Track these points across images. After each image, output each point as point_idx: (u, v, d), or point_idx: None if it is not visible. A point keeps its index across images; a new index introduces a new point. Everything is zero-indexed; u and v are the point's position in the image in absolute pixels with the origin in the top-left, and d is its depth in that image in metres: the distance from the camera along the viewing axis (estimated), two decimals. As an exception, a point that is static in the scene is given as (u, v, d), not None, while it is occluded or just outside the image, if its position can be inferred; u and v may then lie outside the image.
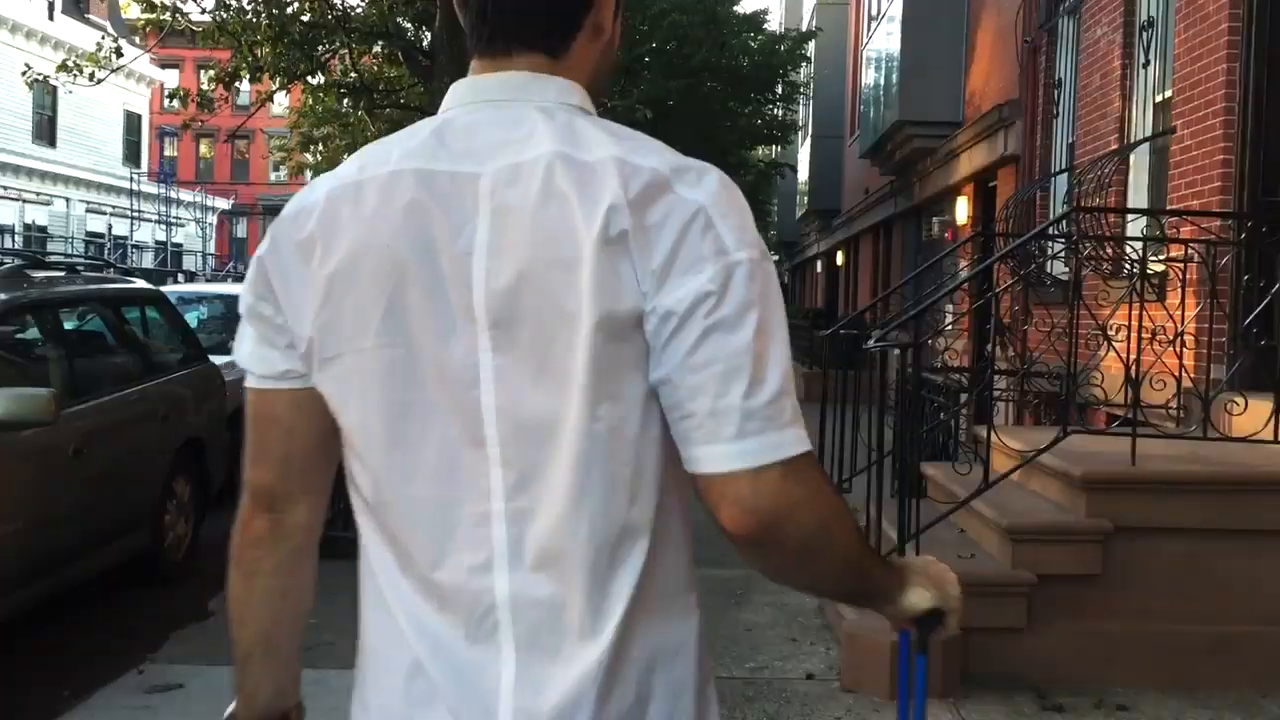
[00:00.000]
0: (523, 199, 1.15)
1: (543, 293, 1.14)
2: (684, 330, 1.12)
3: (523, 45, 1.26)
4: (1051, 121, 9.85)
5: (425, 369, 1.18)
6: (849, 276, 25.04)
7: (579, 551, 1.17)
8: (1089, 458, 5.02)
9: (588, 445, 1.15)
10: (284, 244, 1.25)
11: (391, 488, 1.22)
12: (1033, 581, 4.77)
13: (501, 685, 1.18)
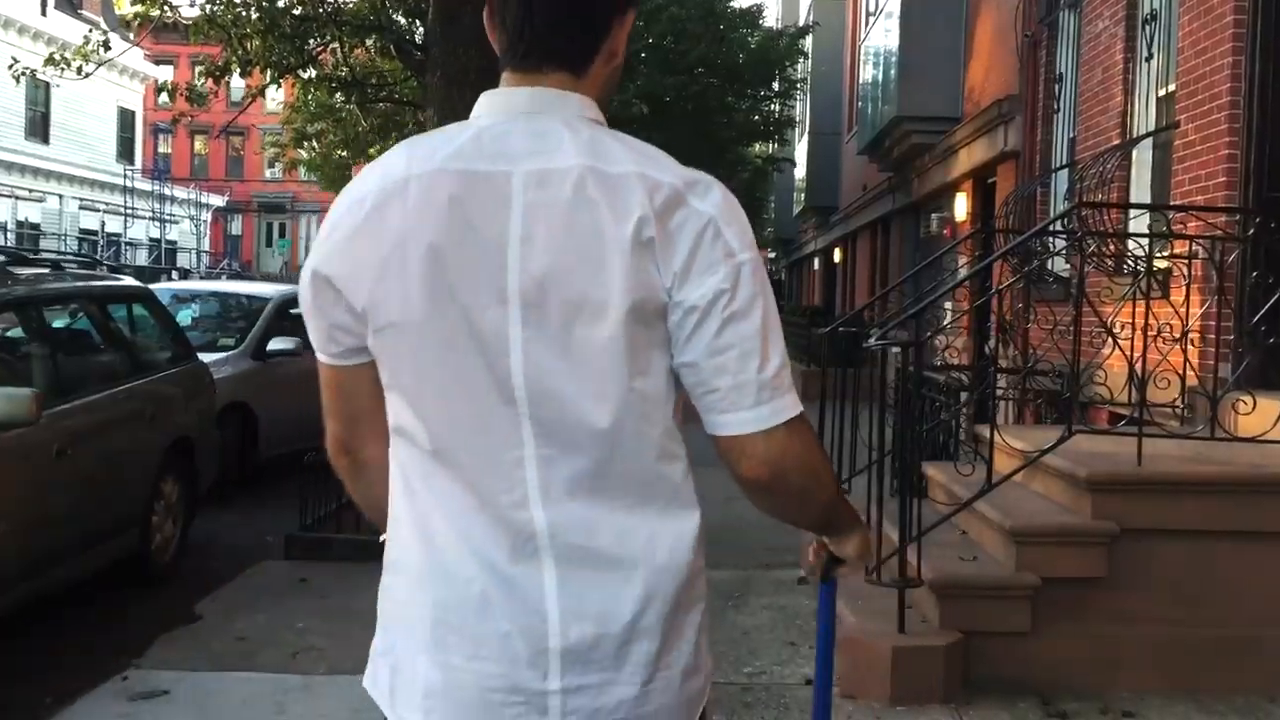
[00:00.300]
0: (553, 201, 1.39)
1: (570, 283, 1.38)
2: (707, 322, 1.39)
3: (552, 64, 1.48)
4: (1052, 117, 9.74)
5: (465, 340, 1.41)
6: (847, 274, 24.94)
7: (621, 477, 1.43)
8: (1094, 458, 4.92)
9: (623, 409, 1.41)
10: (342, 228, 1.46)
11: (444, 437, 1.45)
12: (1037, 584, 4.67)
13: (546, 594, 1.43)
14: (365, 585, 5.73)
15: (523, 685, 1.44)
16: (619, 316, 1.38)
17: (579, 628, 1.44)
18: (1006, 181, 11.14)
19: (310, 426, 7.01)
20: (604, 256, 1.38)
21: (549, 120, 1.46)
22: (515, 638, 1.44)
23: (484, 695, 1.45)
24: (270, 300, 10.12)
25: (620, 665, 1.45)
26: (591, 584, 1.45)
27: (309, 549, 6.73)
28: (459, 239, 1.41)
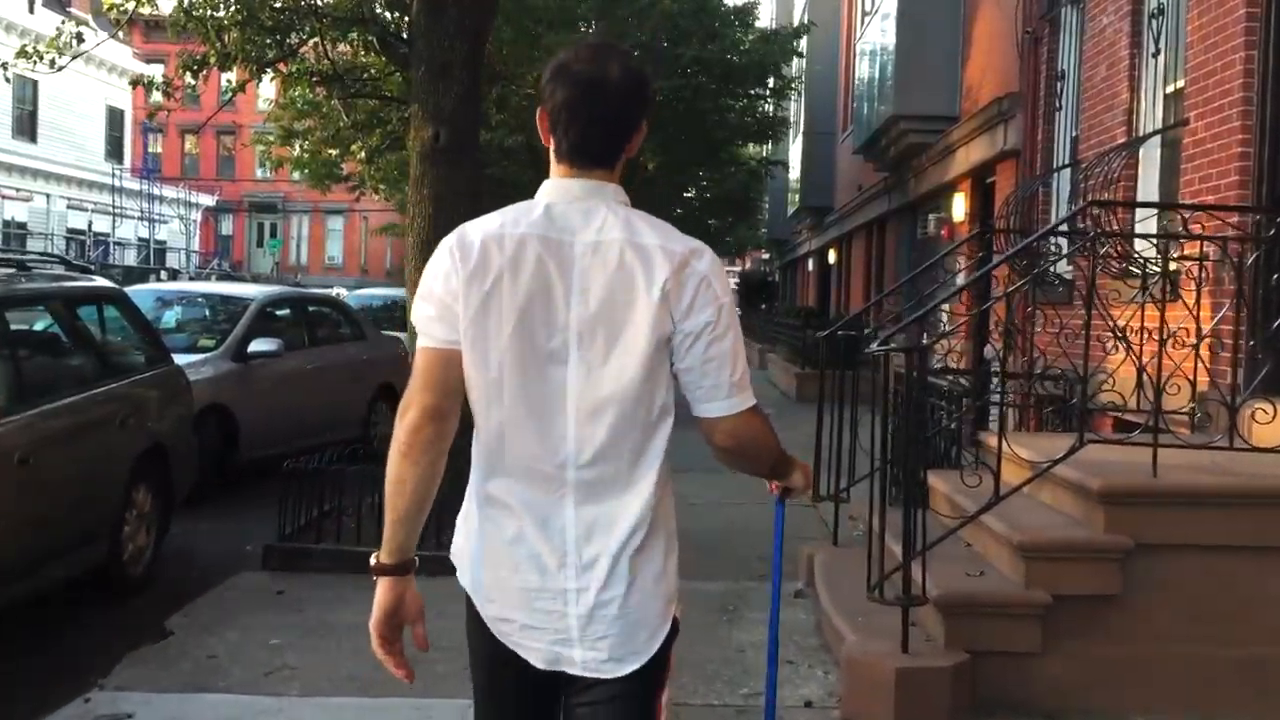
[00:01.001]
0: (603, 265, 2.09)
1: (610, 320, 2.09)
2: (698, 342, 2.10)
3: (594, 164, 2.17)
4: (1054, 115, 9.53)
5: (537, 354, 2.09)
6: (842, 275, 24.73)
7: (626, 455, 2.11)
8: (1106, 469, 4.69)
9: (634, 403, 2.10)
10: (459, 268, 2.10)
11: (514, 416, 2.12)
12: (1047, 602, 4.44)
13: (567, 527, 2.12)
14: (344, 598, 5.46)
15: (549, 586, 2.14)
16: (645, 346, 2.09)
17: (588, 549, 2.14)
18: (1006, 181, 10.93)
19: (292, 429, 6.83)
20: (636, 305, 2.09)
21: (594, 202, 2.15)
22: (546, 556, 2.14)
23: (524, 593, 2.16)
24: (253, 301, 9.87)
25: (614, 569, 2.13)
26: (596, 521, 2.14)
27: (287, 560, 6.48)
28: (540, 289, 2.10)
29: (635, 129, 2.22)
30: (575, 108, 2.14)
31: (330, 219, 55.66)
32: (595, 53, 2.21)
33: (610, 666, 2.15)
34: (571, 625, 2.15)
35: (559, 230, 2.12)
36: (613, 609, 2.13)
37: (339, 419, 10.50)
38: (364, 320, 12.16)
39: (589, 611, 2.13)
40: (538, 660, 2.18)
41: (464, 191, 7.12)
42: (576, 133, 2.15)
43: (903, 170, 15.59)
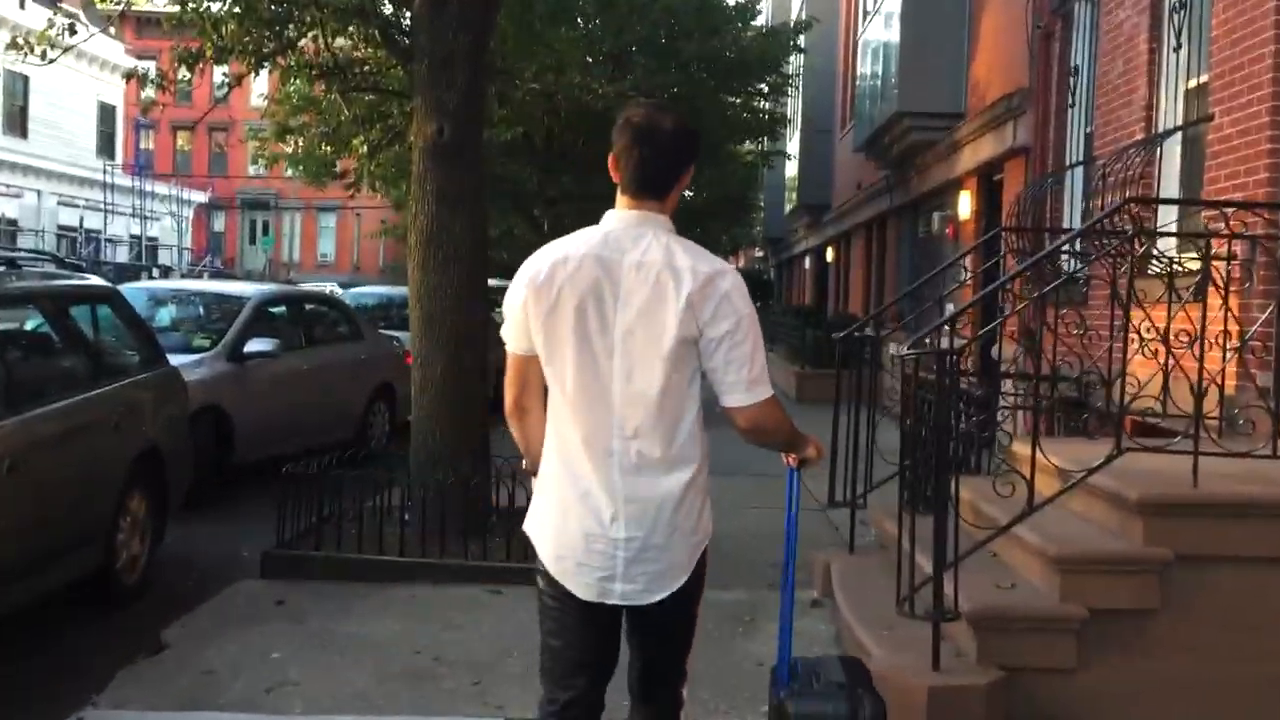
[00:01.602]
0: (643, 280, 2.67)
1: (647, 325, 2.68)
2: (721, 346, 2.68)
3: (647, 197, 2.76)
4: (1066, 111, 9.35)
5: (592, 350, 2.69)
6: (839, 273, 24.56)
7: (661, 433, 2.70)
8: (1142, 477, 4.51)
9: (669, 390, 2.69)
10: (529, 289, 2.73)
11: (576, 400, 2.71)
12: (1084, 617, 4.26)
13: (616, 487, 2.70)
14: (347, 609, 5.25)
15: (603, 533, 2.70)
16: (671, 346, 2.67)
17: (633, 506, 2.70)
18: (1015, 179, 10.76)
19: (288, 431, 6.60)
20: (666, 313, 2.66)
21: (644, 229, 2.73)
22: (602, 510, 2.70)
23: (583, 537, 2.72)
24: (249, 300, 9.65)
25: (655, 525, 2.71)
26: (639, 482, 2.70)
27: (287, 567, 6.28)
28: (594, 298, 2.68)
29: (683, 170, 2.83)
30: (632, 150, 2.76)
31: (323, 216, 55.37)
32: (652, 109, 2.90)
33: (644, 596, 2.76)
34: (617, 565, 2.73)
35: (611, 250, 2.72)
36: (652, 554, 2.73)
37: (337, 420, 10.29)
38: (362, 319, 11.95)
39: (634, 555, 2.72)
40: (585, 594, 2.76)
41: (469, 188, 6.93)
42: (632, 170, 2.76)
43: (905, 168, 15.41)
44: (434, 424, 6.89)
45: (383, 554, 6.34)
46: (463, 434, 6.92)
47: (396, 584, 6.12)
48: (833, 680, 3.13)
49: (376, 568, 6.27)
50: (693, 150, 2.84)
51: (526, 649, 5.12)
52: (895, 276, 17.18)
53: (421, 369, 6.95)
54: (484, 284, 7.23)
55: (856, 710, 3.03)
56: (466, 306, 6.94)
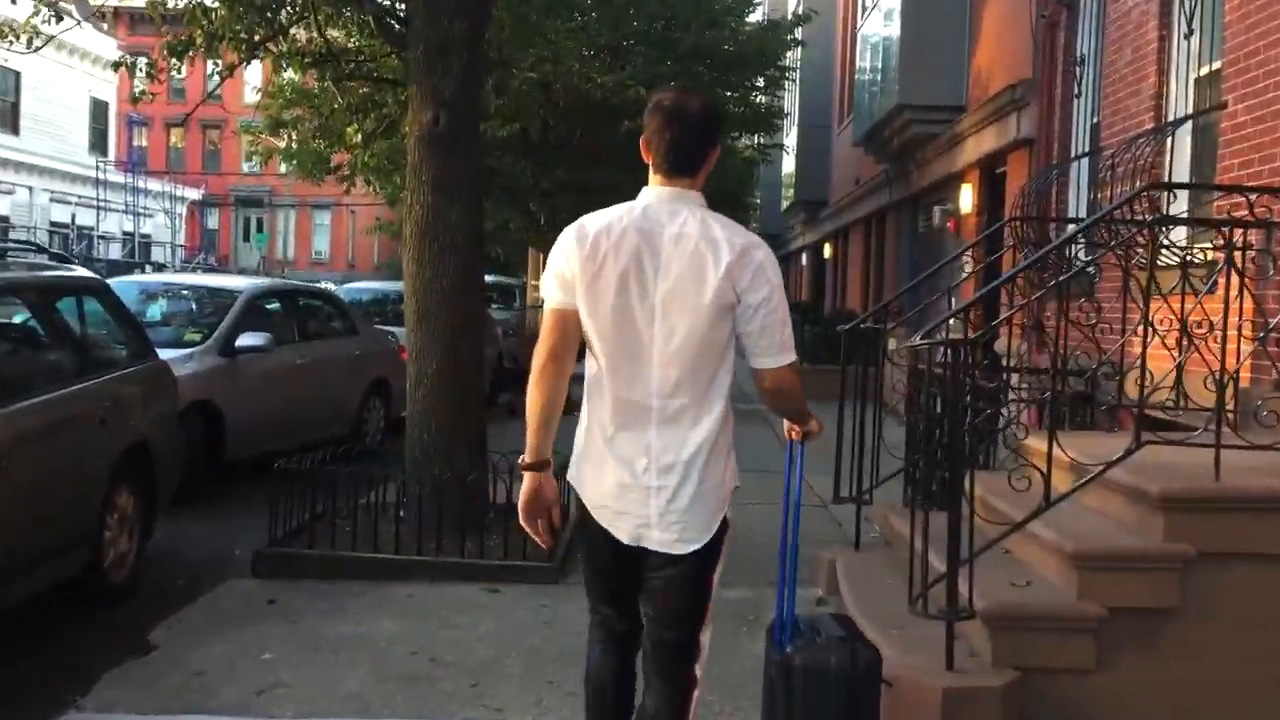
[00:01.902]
0: (682, 251, 2.88)
1: (684, 293, 2.88)
2: (757, 313, 2.89)
3: (679, 174, 2.96)
4: (1072, 102, 9.22)
5: (632, 314, 2.89)
6: (837, 269, 24.43)
7: (693, 394, 2.90)
8: (1162, 472, 4.37)
9: (703, 354, 2.89)
10: (577, 250, 2.92)
11: (614, 359, 2.92)
12: (1102, 615, 4.12)
13: (651, 441, 2.91)
14: (341, 608, 5.09)
15: (635, 483, 2.92)
16: (709, 311, 2.88)
17: (665, 457, 2.91)
18: (1018, 171, 10.62)
19: (281, 427, 6.45)
20: (705, 281, 2.86)
21: (679, 205, 2.93)
22: (636, 461, 2.92)
23: (617, 486, 2.94)
24: (241, 294, 9.49)
25: (686, 476, 2.91)
26: (672, 436, 2.91)
27: (279, 566, 6.13)
28: (635, 266, 2.88)
29: (710, 147, 3.03)
30: (664, 132, 2.95)
31: (317, 213, 55.15)
32: (680, 93, 3.09)
33: (679, 545, 2.94)
34: (651, 513, 2.93)
35: (651, 223, 2.91)
36: (682, 503, 2.91)
37: (331, 416, 10.14)
38: (357, 314, 11.79)
39: (665, 505, 2.92)
40: (625, 537, 2.98)
41: (465, 178, 6.78)
42: (665, 151, 2.96)
43: (905, 162, 15.27)
44: (429, 418, 6.74)
45: (378, 552, 6.20)
46: (459, 428, 6.77)
47: (392, 582, 5.97)
48: (833, 635, 3.40)
49: (371, 566, 6.12)
50: (719, 130, 3.11)
51: (525, 650, 4.99)
52: (895, 272, 17.04)
53: (416, 362, 6.80)
54: (480, 276, 7.08)
55: (856, 659, 3.31)
56: (463, 299, 6.79)
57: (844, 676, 3.26)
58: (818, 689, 3.26)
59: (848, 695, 3.26)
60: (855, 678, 3.28)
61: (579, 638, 5.01)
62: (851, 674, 3.27)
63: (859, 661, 3.29)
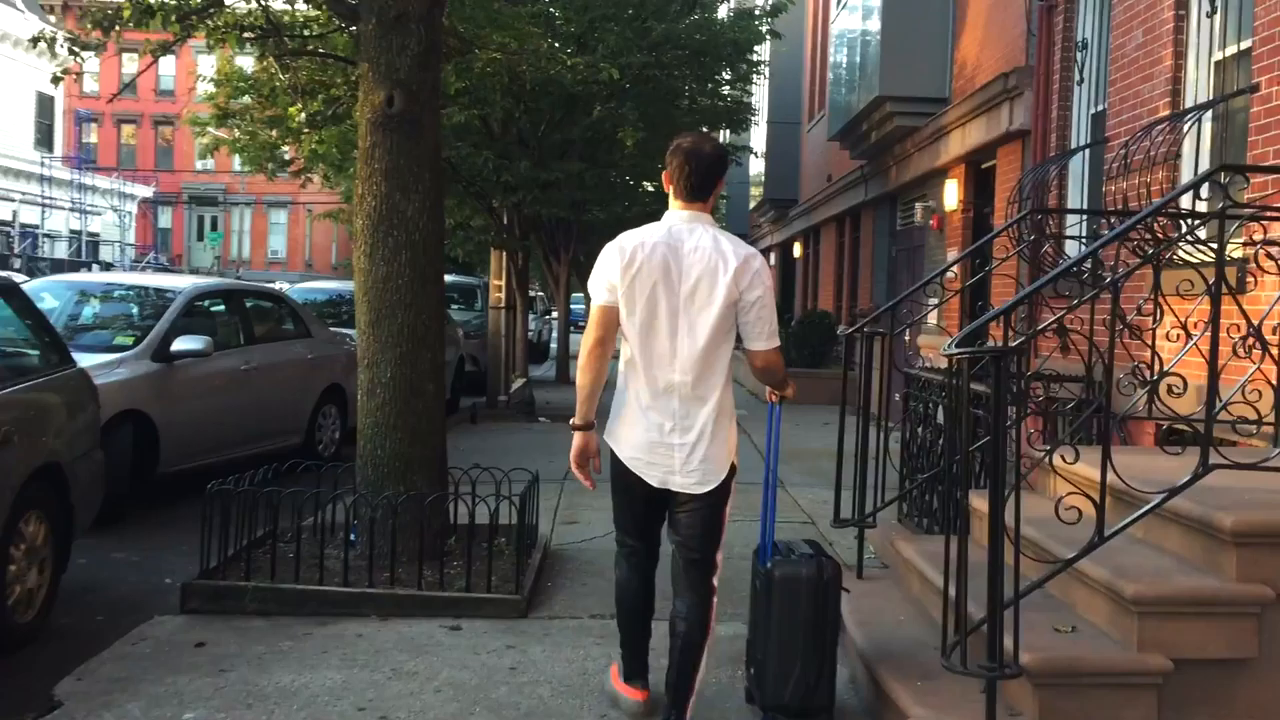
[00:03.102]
0: (699, 261, 3.79)
1: (703, 292, 3.79)
2: (753, 308, 3.82)
3: (696, 200, 3.90)
4: (1072, 90, 8.67)
5: (661, 311, 3.80)
6: (808, 269, 23.89)
7: (706, 372, 3.81)
8: (1227, 498, 3.79)
9: (714, 341, 3.80)
10: (618, 261, 3.82)
11: (647, 346, 3.82)
12: (1167, 669, 3.53)
13: (675, 409, 3.81)
14: (279, 652, 4.24)
15: (664, 440, 3.81)
16: (720, 306, 3.77)
17: (686, 422, 3.80)
18: (1010, 165, 10.08)
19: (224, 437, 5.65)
20: (716, 284, 3.76)
21: (695, 225, 3.86)
22: (665, 424, 3.81)
23: (648, 442, 3.83)
24: (180, 294, 8.74)
25: (700, 436, 3.80)
26: (691, 405, 3.80)
27: (211, 600, 5.43)
28: (663, 273, 3.78)
29: (718, 180, 3.94)
30: (683, 168, 3.86)
31: (273, 212, 54.08)
32: (697, 137, 4.04)
33: (697, 487, 3.83)
34: (676, 464, 3.82)
35: (674, 239, 3.82)
36: (699, 455, 3.81)
37: (280, 425, 9.44)
38: (310, 316, 11.07)
39: (685, 457, 3.81)
40: (654, 482, 3.86)
41: (423, 164, 6.11)
42: (684, 182, 3.87)
43: (883, 157, 14.72)
44: (383, 432, 6.07)
45: (323, 584, 5.51)
46: (417, 443, 6.10)
47: (340, 619, 5.29)
48: (804, 553, 4.19)
49: (316, 600, 5.43)
50: (725, 167, 4.02)
51: (491, 703, 4.33)
52: (871, 271, 16.50)
53: (369, 370, 6.12)
54: (440, 274, 6.41)
55: (822, 570, 4.07)
56: (421, 300, 6.12)
57: (813, 583, 4.04)
58: (792, 594, 4.04)
59: (815, 598, 4.04)
60: (821, 584, 4.05)
61: (550, 687, 4.43)
62: (818, 581, 4.05)
63: (824, 572, 4.06)
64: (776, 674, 4.03)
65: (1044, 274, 6.96)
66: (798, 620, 4.01)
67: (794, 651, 4.01)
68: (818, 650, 4.03)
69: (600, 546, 6.68)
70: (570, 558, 6.62)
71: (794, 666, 4.01)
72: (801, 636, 4.01)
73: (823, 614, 4.04)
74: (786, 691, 4.01)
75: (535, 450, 11.19)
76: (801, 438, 10.05)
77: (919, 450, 6.18)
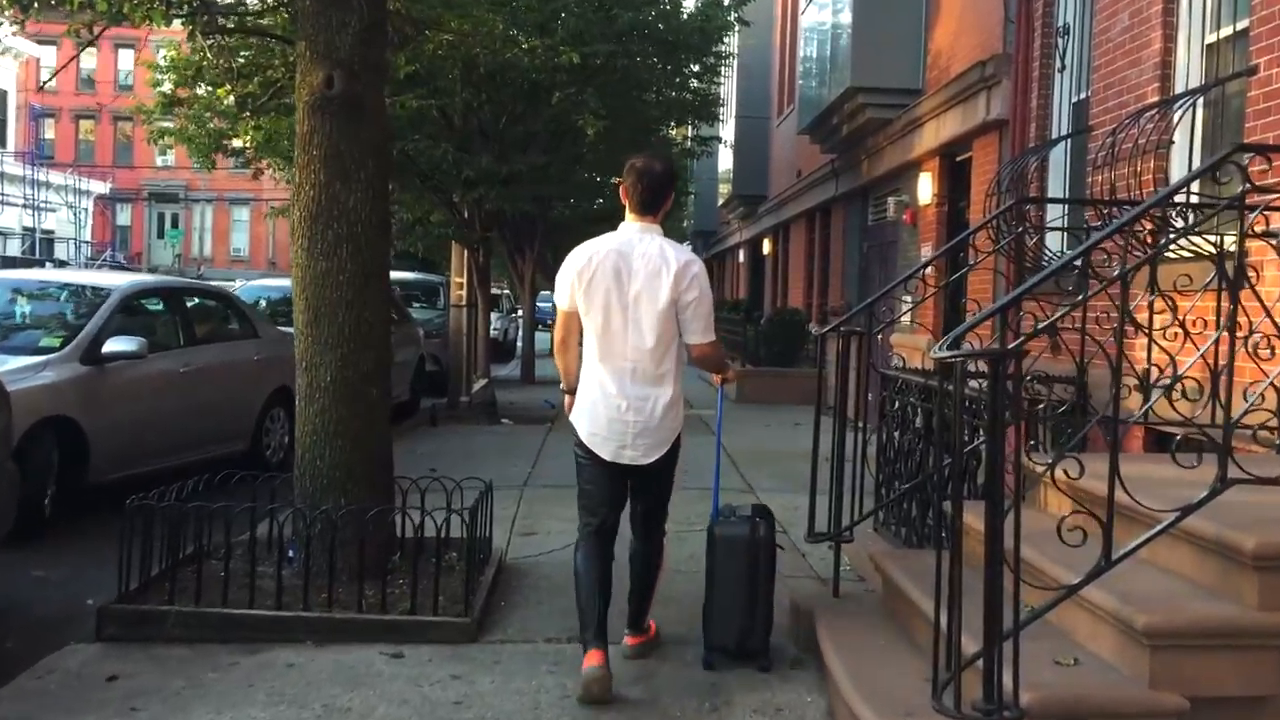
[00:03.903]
0: (645, 267, 4.42)
1: (648, 294, 4.42)
2: (689, 307, 4.44)
3: (646, 213, 4.56)
4: (1052, 77, 8.33)
5: (613, 310, 4.42)
6: (777, 266, 23.54)
7: (654, 361, 4.44)
8: (1246, 516, 3.42)
9: (660, 335, 4.42)
10: (575, 268, 4.49)
11: (604, 339, 4.45)
12: (1183, 709, 3.16)
13: (629, 390, 4.43)
14: (199, 686, 3.21)
15: (619, 418, 4.42)
16: (663, 305, 4.39)
17: (636, 403, 4.42)
18: (986, 157, 9.73)
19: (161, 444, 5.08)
20: (660, 285, 4.39)
21: (646, 234, 4.50)
22: (618, 403, 4.41)
23: (608, 420, 4.44)
24: (113, 293, 8.24)
25: (650, 415, 4.43)
26: (642, 389, 4.42)
27: (130, 626, 4.96)
28: (614, 278, 4.41)
29: (667, 195, 4.64)
30: (636, 185, 4.53)
31: (235, 209, 53.29)
32: (648, 158, 4.68)
33: (643, 459, 4.48)
34: (628, 438, 4.45)
35: (626, 246, 4.47)
36: (649, 430, 4.45)
37: (223, 430, 8.96)
38: (257, 315, 10.58)
39: (637, 432, 4.44)
40: (608, 455, 4.47)
41: (366, 151, 5.67)
42: (637, 197, 4.53)
43: (855, 151, 14.37)
44: (322, 441, 5.62)
45: (254, 607, 5.06)
46: (360, 452, 5.66)
47: (271, 645, 4.84)
48: (744, 516, 4.80)
49: (246, 624, 4.98)
50: (674, 183, 4.70)
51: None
52: (842, 267, 16.16)
53: (307, 373, 5.68)
54: (385, 269, 5.97)
55: (756, 530, 4.69)
56: (365, 297, 5.68)
57: (747, 541, 4.69)
58: (730, 550, 4.70)
59: (749, 554, 4.68)
60: (755, 542, 4.69)
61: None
62: (753, 540, 4.69)
63: (758, 533, 4.70)
64: (718, 619, 4.71)
65: (1029, 269, 6.62)
66: (735, 573, 4.67)
67: (732, 600, 4.67)
68: (751, 600, 4.67)
69: (559, 559, 6.27)
70: (526, 572, 6.19)
71: (733, 613, 4.68)
72: (737, 587, 4.67)
73: (756, 568, 4.67)
74: (727, 634, 4.69)
75: (496, 453, 10.77)
76: (772, 439, 9.65)
77: (896, 456, 5.80)
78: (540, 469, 9.87)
